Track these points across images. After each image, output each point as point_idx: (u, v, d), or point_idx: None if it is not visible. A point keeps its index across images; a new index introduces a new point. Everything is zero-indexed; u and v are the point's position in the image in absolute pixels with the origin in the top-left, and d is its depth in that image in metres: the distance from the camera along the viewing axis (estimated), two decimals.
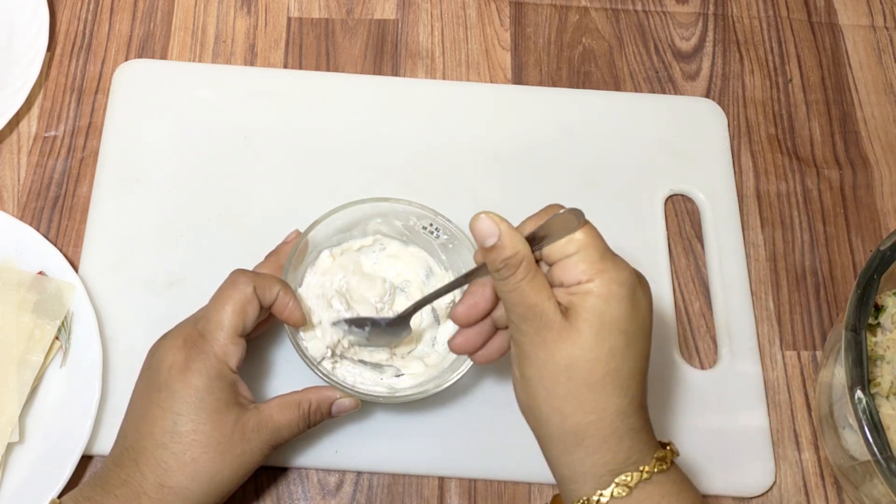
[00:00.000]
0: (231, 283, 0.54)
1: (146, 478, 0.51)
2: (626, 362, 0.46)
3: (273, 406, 0.55)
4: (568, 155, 0.73)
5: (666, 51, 0.79)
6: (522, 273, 0.47)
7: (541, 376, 0.47)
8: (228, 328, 0.53)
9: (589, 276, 0.46)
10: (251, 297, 0.54)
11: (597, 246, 0.47)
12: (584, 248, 0.46)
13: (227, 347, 0.53)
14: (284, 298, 0.56)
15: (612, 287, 0.46)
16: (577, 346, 0.46)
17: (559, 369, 0.46)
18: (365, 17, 0.79)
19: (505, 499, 0.62)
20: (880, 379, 0.59)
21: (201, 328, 0.53)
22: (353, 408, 0.58)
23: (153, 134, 0.72)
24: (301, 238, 0.59)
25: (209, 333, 0.53)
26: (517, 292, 0.47)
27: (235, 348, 0.53)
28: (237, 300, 0.53)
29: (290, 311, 0.56)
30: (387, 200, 0.62)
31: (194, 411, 0.51)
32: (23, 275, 0.63)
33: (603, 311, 0.46)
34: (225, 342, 0.53)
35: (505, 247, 0.47)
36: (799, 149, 0.76)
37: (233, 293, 0.54)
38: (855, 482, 0.59)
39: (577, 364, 0.46)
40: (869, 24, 0.81)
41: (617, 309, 0.46)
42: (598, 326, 0.46)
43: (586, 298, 0.46)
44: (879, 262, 0.58)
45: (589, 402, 0.46)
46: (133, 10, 0.78)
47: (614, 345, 0.46)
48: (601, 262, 0.47)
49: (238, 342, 0.54)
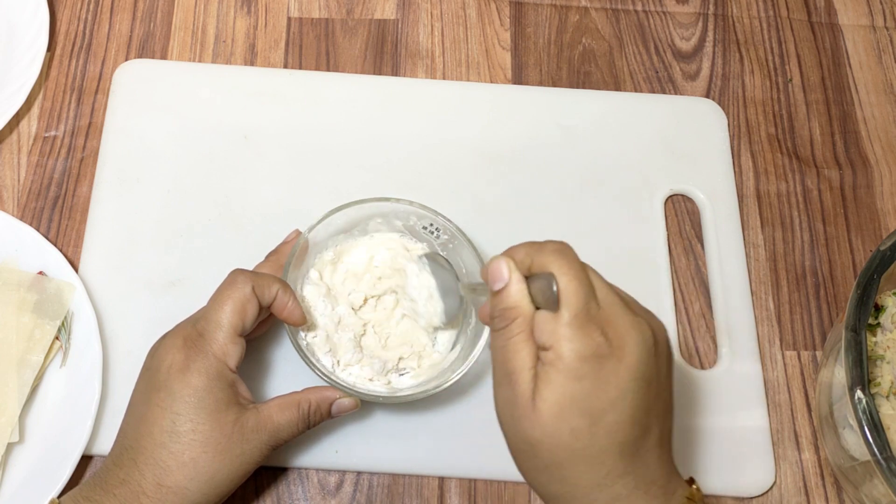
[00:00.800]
0: (230, 283, 0.54)
1: (145, 477, 0.51)
2: (594, 439, 0.43)
3: (273, 406, 0.55)
4: (568, 155, 0.73)
5: (666, 51, 0.79)
6: (515, 330, 0.45)
7: (515, 446, 0.46)
8: (227, 328, 0.53)
9: (553, 342, 0.43)
10: (250, 297, 0.54)
11: (573, 304, 0.44)
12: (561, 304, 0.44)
13: (227, 347, 0.53)
14: (284, 297, 0.56)
15: (573, 362, 0.43)
16: (539, 427, 0.43)
17: (527, 446, 0.45)
18: (365, 17, 0.79)
19: (505, 499, 0.62)
20: (880, 379, 0.59)
21: (200, 328, 0.53)
22: (352, 408, 0.58)
23: (153, 134, 0.72)
24: (301, 238, 0.59)
25: (208, 333, 0.53)
26: (503, 351, 0.46)
27: (235, 348, 0.53)
28: (236, 300, 0.54)
29: (290, 311, 0.56)
30: (387, 200, 0.62)
31: (193, 411, 0.51)
32: (23, 275, 0.63)
33: (563, 390, 0.43)
34: (224, 342, 0.53)
35: (508, 297, 0.46)
36: (799, 149, 0.76)
37: (232, 293, 0.54)
38: (855, 482, 0.59)
39: (540, 446, 0.44)
40: (869, 24, 0.81)
41: (578, 388, 0.43)
42: (556, 408, 0.43)
43: (550, 371, 0.43)
44: (879, 263, 0.58)
45: (559, 478, 0.45)
46: (133, 10, 0.78)
47: (576, 426, 0.43)
48: (569, 327, 0.43)
49: (237, 342, 0.54)
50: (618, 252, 0.70)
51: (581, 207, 0.71)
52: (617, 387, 0.43)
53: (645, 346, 0.45)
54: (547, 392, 0.43)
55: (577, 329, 0.43)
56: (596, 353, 0.43)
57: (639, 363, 0.44)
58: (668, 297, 0.68)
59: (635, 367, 0.44)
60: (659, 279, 0.69)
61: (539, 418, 0.44)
